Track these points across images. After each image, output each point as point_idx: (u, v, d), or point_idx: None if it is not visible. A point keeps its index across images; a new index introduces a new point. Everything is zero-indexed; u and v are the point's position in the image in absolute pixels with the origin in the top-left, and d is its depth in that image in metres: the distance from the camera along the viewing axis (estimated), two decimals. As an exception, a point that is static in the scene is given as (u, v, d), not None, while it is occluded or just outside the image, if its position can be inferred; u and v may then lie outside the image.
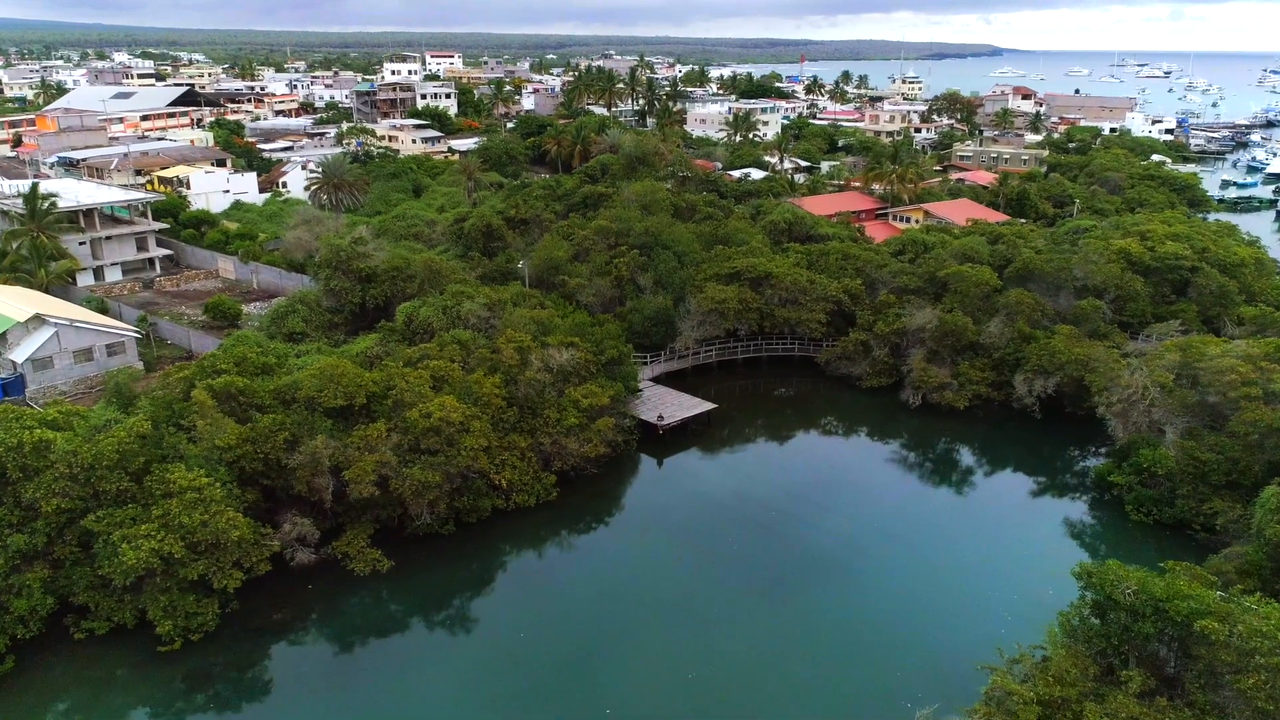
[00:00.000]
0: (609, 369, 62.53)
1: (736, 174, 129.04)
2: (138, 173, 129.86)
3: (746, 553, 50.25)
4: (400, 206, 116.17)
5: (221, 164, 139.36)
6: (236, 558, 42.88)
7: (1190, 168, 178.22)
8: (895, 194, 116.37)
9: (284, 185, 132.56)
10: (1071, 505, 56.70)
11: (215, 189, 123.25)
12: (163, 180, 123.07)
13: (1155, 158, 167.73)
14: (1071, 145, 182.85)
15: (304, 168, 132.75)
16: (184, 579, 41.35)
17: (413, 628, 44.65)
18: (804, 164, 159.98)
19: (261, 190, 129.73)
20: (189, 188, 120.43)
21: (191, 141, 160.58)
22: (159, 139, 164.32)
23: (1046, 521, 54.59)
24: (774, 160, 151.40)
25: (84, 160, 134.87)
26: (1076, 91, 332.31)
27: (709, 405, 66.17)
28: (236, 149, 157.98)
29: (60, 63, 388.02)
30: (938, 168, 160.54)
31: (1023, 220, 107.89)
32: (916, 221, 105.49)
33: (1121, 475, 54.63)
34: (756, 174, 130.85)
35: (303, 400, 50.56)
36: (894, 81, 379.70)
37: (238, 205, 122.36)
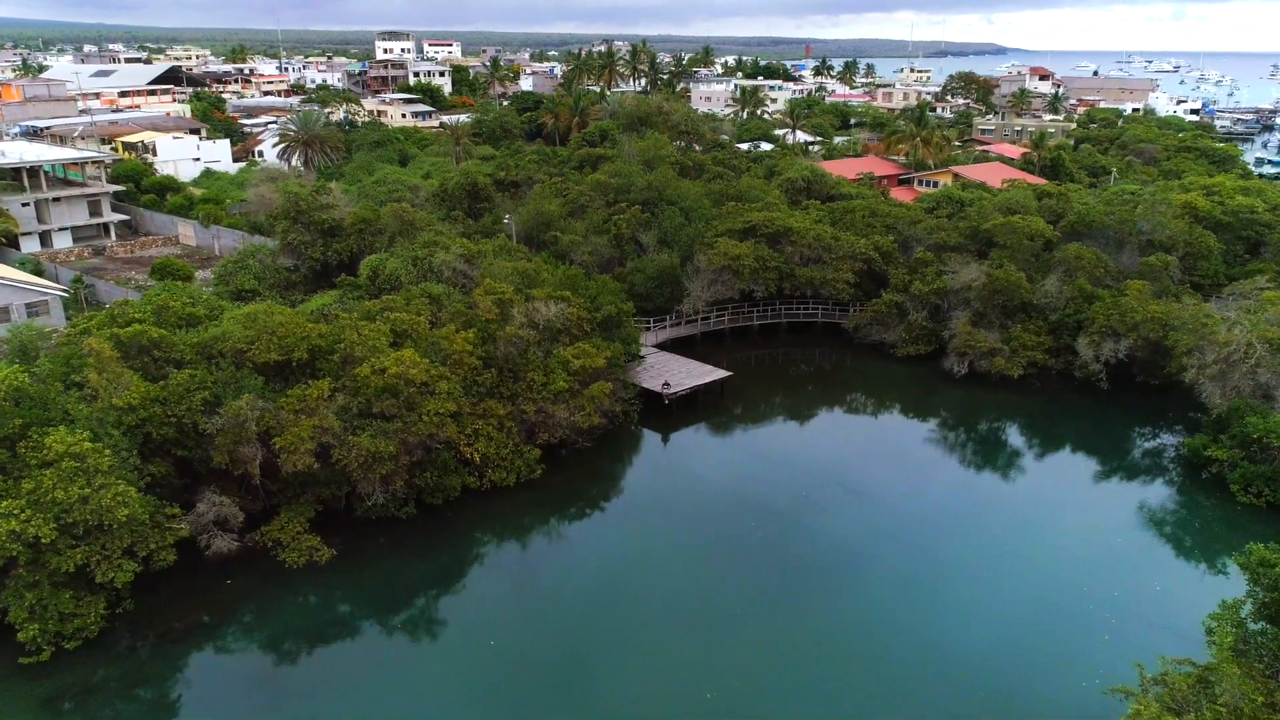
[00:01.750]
0: (605, 329, 53.37)
1: (745, 146, 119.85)
2: (104, 141, 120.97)
3: (766, 546, 41.02)
4: (381, 173, 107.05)
5: (195, 133, 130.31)
6: (128, 544, 33.71)
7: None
8: (919, 159, 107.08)
9: (259, 155, 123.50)
10: (1158, 488, 47.38)
11: (184, 156, 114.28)
12: (127, 146, 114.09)
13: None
14: (1093, 125, 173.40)
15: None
16: (58, 570, 32.17)
17: (358, 633, 35.42)
18: (817, 138, 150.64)
19: (236, 160, 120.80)
20: (155, 154, 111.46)
21: (168, 114, 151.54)
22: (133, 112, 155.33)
23: (1129, 507, 45.26)
24: (785, 134, 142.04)
25: (48, 129, 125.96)
26: (1095, 73, 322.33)
27: (722, 373, 56.97)
28: (215, 122, 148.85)
29: (53, 52, 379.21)
30: (957, 143, 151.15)
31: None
32: (944, 186, 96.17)
33: (1222, 449, 45.42)
34: (766, 147, 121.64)
35: (230, 354, 41.44)
36: (902, 72, 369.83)
37: (208, 173, 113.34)
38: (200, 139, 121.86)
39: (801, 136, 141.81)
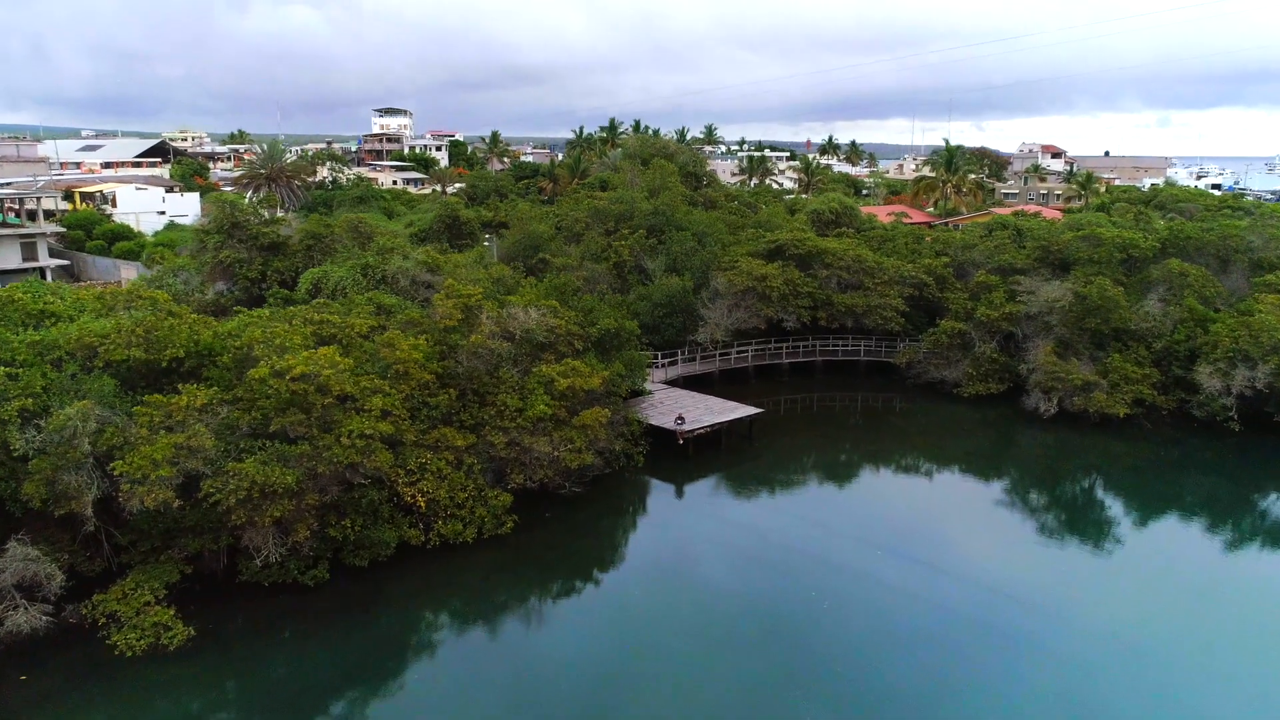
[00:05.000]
0: (603, 349, 41.79)
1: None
2: (66, 196, 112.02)
3: (818, 644, 28.44)
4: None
5: (170, 190, 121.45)
6: None
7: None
8: (951, 208, 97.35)
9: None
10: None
11: (148, 208, 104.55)
12: (85, 196, 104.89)
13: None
14: (1117, 205, 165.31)
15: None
16: None
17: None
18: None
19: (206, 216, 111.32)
20: (114, 205, 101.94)
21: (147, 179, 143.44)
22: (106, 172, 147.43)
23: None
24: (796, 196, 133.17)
25: (8, 183, 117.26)
26: (1106, 154, 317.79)
27: (750, 410, 45.09)
28: (193, 185, 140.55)
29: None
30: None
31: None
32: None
33: None
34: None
35: (78, 354, 29.80)
36: (903, 160, 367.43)
37: (173, 226, 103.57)
38: (167, 193, 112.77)
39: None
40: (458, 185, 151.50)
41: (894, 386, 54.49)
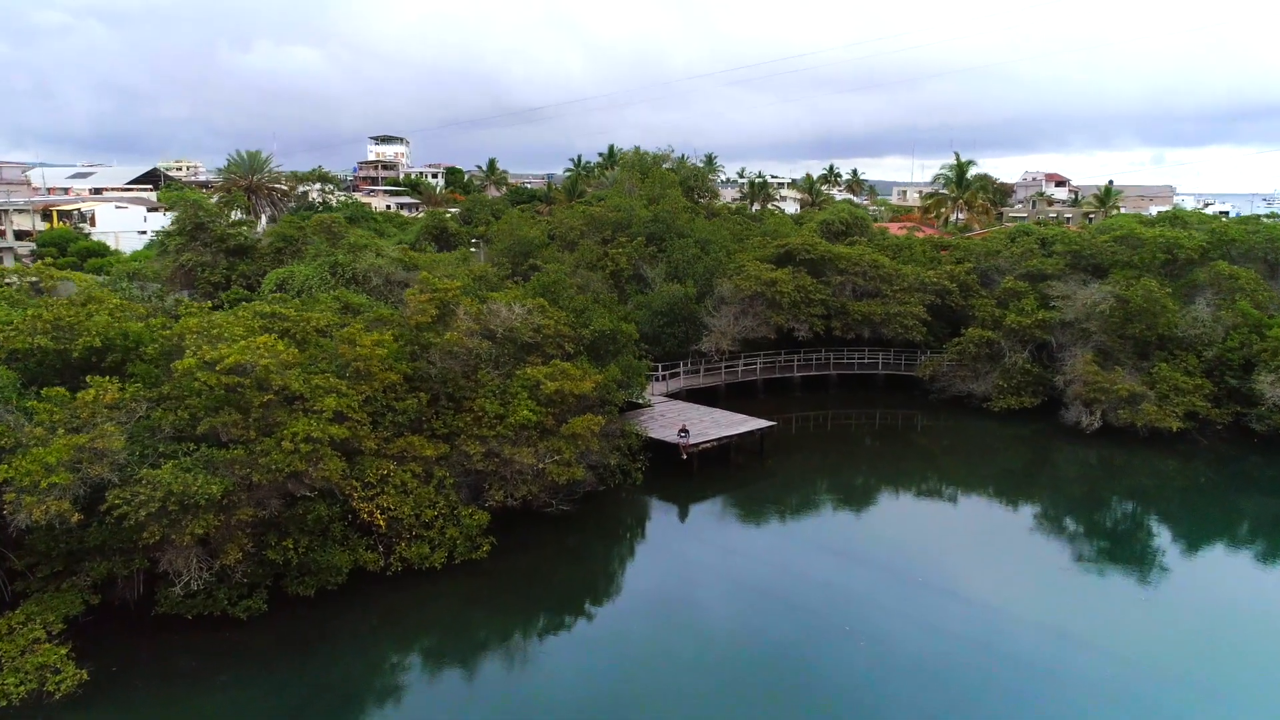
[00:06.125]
0: (596, 354, 37.31)
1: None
2: (44, 216, 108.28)
3: (850, 690, 23.71)
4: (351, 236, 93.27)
5: (155, 210, 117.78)
6: None
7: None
8: (964, 224, 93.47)
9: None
10: None
11: (128, 227, 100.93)
12: (62, 215, 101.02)
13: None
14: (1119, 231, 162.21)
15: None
16: None
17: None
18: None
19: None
20: (93, 224, 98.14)
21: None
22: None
23: None
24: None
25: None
26: (1110, 183, 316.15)
27: (762, 423, 40.51)
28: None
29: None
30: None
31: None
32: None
33: None
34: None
35: (-24, 344, 25.36)
36: (906, 189, 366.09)
37: (153, 246, 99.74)
38: (150, 211, 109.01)
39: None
40: (453, 210, 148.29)
41: (915, 402, 49.94)
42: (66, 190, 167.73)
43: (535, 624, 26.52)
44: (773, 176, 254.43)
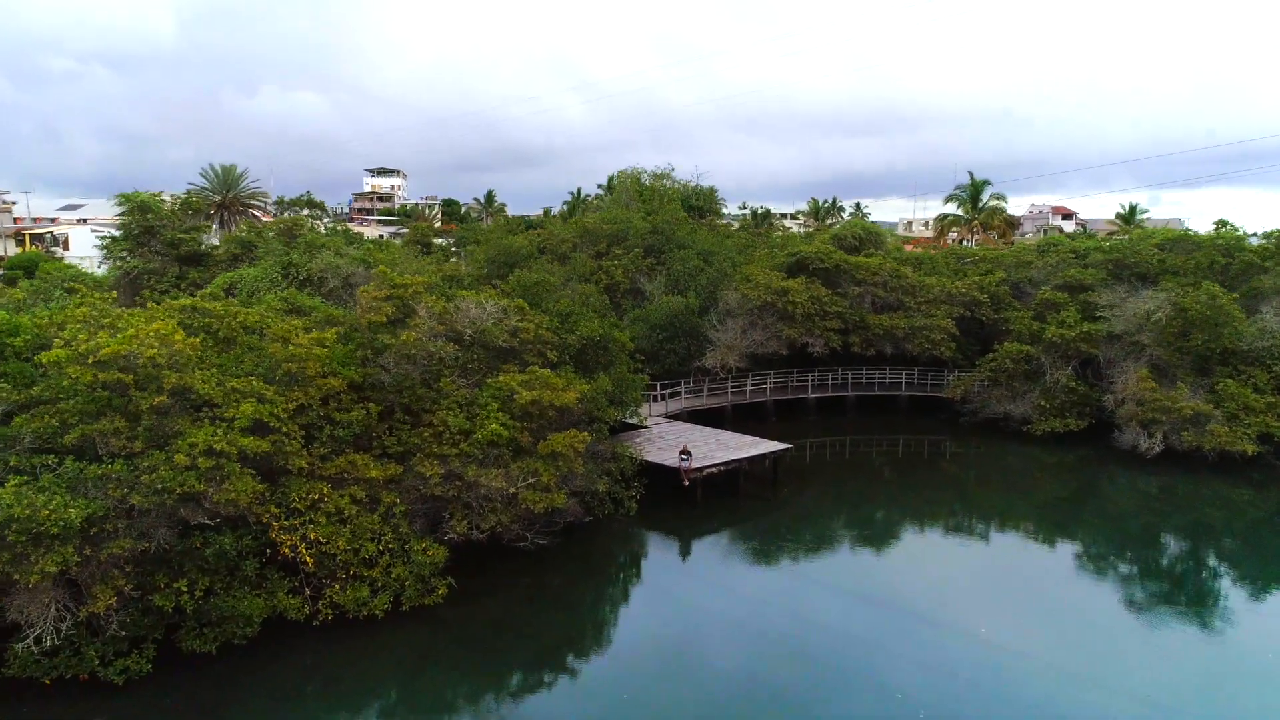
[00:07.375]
0: (582, 363, 32.25)
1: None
2: (18, 241, 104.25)
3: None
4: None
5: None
6: None
7: None
8: (980, 247, 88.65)
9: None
10: None
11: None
12: (34, 239, 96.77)
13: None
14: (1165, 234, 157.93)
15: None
16: None
17: None
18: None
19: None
20: (65, 247, 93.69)
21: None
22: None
23: None
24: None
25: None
26: (1117, 215, 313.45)
27: (775, 446, 35.25)
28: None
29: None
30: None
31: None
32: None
33: None
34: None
35: None
36: (911, 220, 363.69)
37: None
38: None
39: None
40: (445, 241, 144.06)
41: (944, 426, 44.75)
42: (54, 220, 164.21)
43: (505, 684, 21.14)
44: (775, 208, 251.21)
